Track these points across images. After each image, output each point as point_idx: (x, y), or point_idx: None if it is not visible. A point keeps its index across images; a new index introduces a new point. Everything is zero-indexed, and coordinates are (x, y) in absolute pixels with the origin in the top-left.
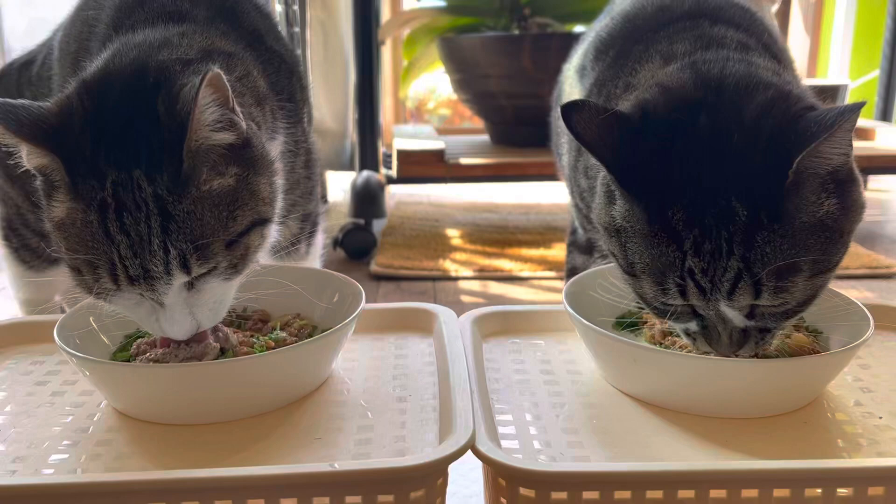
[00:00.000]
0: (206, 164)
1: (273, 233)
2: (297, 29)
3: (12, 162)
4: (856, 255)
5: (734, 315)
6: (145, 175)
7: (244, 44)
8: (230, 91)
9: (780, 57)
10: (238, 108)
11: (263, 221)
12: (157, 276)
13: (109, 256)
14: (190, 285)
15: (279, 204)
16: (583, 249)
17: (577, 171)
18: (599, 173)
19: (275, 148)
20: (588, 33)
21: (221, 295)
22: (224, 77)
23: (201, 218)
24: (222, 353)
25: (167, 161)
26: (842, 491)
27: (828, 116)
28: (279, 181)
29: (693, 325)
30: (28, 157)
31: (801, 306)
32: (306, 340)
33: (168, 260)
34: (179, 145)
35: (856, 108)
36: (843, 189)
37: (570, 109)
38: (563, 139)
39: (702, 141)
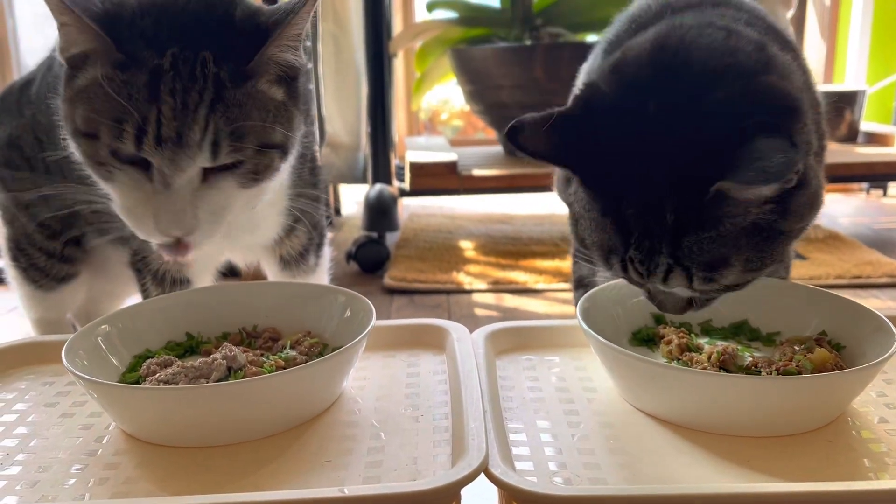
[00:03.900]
0: (266, 73)
1: (284, 172)
2: (308, 43)
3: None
4: (877, 264)
5: (674, 291)
6: (213, 58)
7: None
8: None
9: (785, 41)
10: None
11: (285, 152)
12: (188, 144)
13: (146, 114)
14: (205, 178)
15: (294, 155)
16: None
17: (561, 178)
18: None
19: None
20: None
21: (227, 202)
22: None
23: (248, 113)
24: (230, 371)
25: (238, 55)
26: None
27: (751, 176)
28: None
29: (643, 292)
30: (75, 41)
31: (742, 285)
32: (317, 360)
33: (205, 133)
34: (255, 46)
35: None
36: (785, 195)
37: (512, 133)
38: None
39: (646, 134)
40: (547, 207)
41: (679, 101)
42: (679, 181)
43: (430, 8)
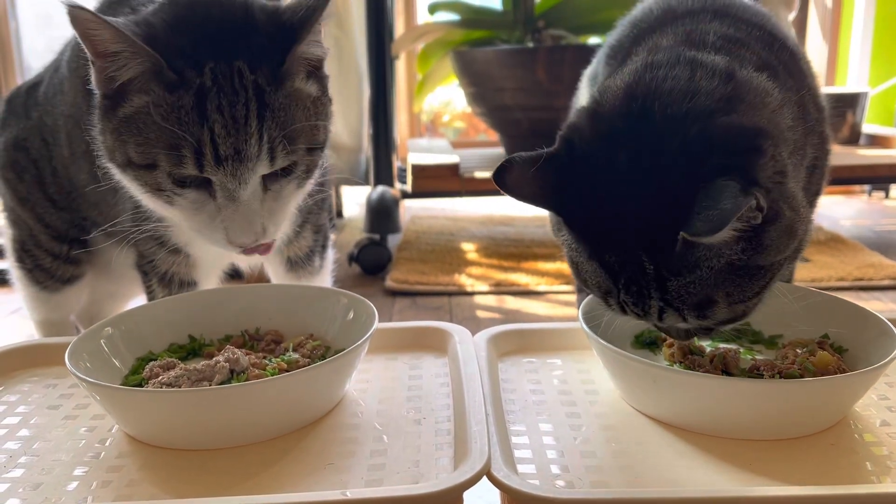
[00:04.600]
0: (299, 71)
1: (317, 172)
2: None
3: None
4: (879, 266)
5: (672, 325)
6: (248, 66)
7: None
8: None
9: (780, 59)
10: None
11: (322, 148)
12: (248, 157)
13: (199, 137)
14: (265, 188)
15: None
16: None
17: (554, 219)
18: None
19: None
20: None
21: (287, 204)
22: None
23: (293, 114)
24: (232, 374)
25: (269, 58)
26: None
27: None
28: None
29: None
30: (125, 68)
31: (738, 318)
32: (319, 362)
33: (261, 144)
34: (285, 46)
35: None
36: (757, 230)
37: (500, 173)
38: None
39: (618, 185)
40: None
41: (644, 152)
42: (649, 233)
43: (431, 10)
